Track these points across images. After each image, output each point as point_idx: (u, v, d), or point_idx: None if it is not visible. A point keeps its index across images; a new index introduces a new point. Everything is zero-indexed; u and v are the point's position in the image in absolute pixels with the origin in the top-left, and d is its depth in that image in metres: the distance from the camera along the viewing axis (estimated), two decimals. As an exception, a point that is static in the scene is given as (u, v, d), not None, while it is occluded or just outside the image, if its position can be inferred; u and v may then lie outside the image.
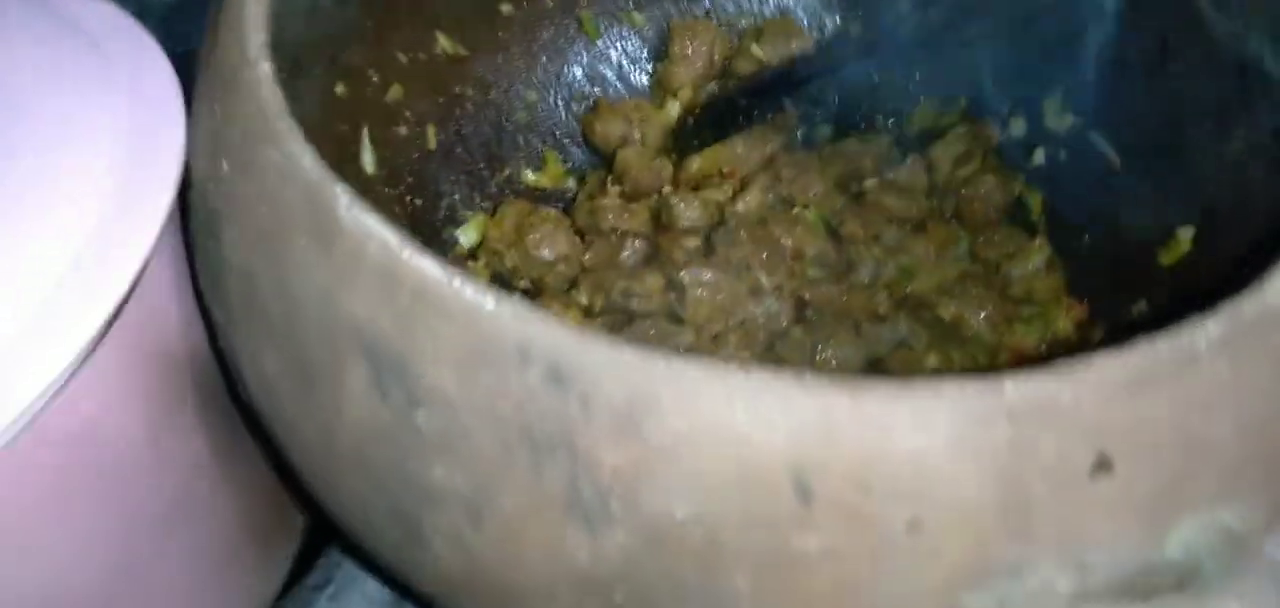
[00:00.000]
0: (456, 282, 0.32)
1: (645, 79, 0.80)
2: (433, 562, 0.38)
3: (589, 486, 0.32)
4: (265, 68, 0.38)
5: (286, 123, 0.36)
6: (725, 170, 0.74)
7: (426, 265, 0.33)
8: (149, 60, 0.46)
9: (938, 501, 0.32)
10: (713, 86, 0.79)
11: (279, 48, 0.52)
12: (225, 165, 0.38)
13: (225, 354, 0.43)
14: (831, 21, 0.79)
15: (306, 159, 0.35)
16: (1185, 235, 0.64)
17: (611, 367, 0.31)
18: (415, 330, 0.33)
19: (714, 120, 0.71)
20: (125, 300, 0.40)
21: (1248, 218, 0.61)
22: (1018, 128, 0.75)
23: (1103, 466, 0.33)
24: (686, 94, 0.78)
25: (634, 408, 0.31)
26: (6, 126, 0.43)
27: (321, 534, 0.63)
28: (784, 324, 0.67)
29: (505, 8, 0.73)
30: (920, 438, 0.31)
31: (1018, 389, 0.32)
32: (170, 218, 0.43)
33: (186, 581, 0.50)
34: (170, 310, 0.44)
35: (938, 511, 0.32)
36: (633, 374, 0.31)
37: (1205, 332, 0.33)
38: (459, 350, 0.32)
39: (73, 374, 0.39)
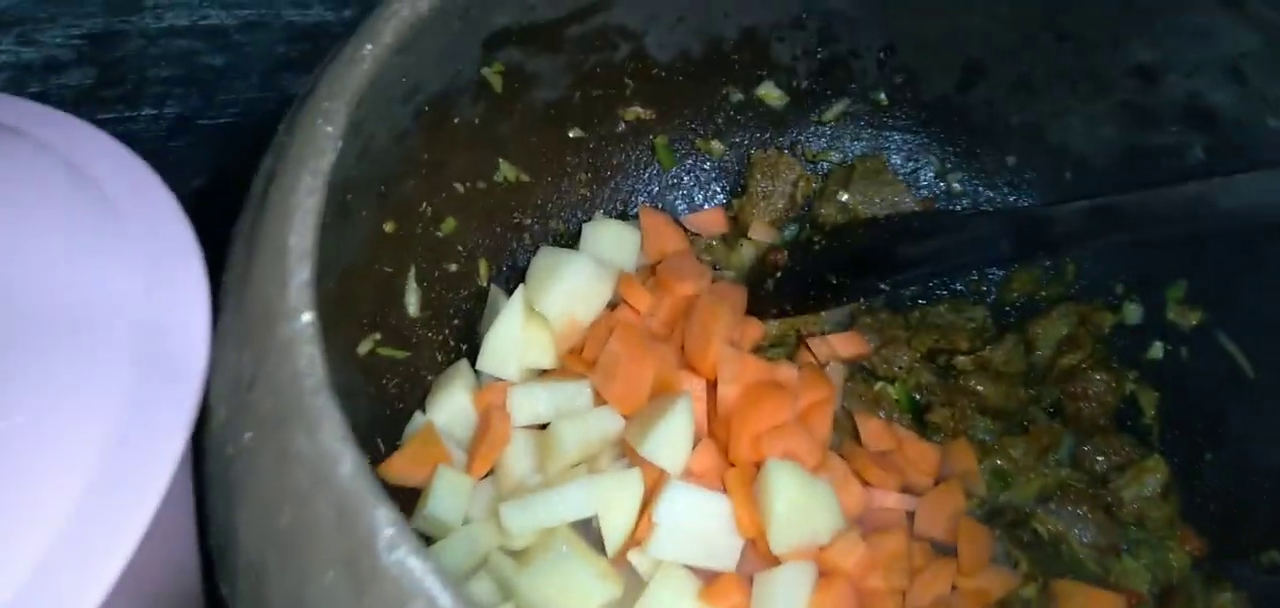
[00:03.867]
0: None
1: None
2: None
3: None
4: (307, 321, 0.31)
5: (326, 403, 0.30)
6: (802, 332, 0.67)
7: (485, 647, 0.26)
8: (172, 237, 0.40)
9: None
10: (792, 229, 0.72)
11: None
12: (248, 436, 0.31)
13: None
14: (930, 169, 0.72)
15: (346, 464, 0.29)
16: (1331, 481, 0.56)
17: None
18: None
19: (799, 290, 0.64)
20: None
21: None
22: (1133, 314, 0.67)
23: None
24: (764, 234, 0.70)
25: None
26: (13, 306, 0.36)
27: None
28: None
29: (574, 132, 0.67)
30: None
31: None
32: (186, 449, 0.36)
33: None
34: (181, 546, 0.38)
35: None
36: None
37: None
38: None
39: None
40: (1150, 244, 0.63)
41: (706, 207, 0.73)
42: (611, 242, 0.65)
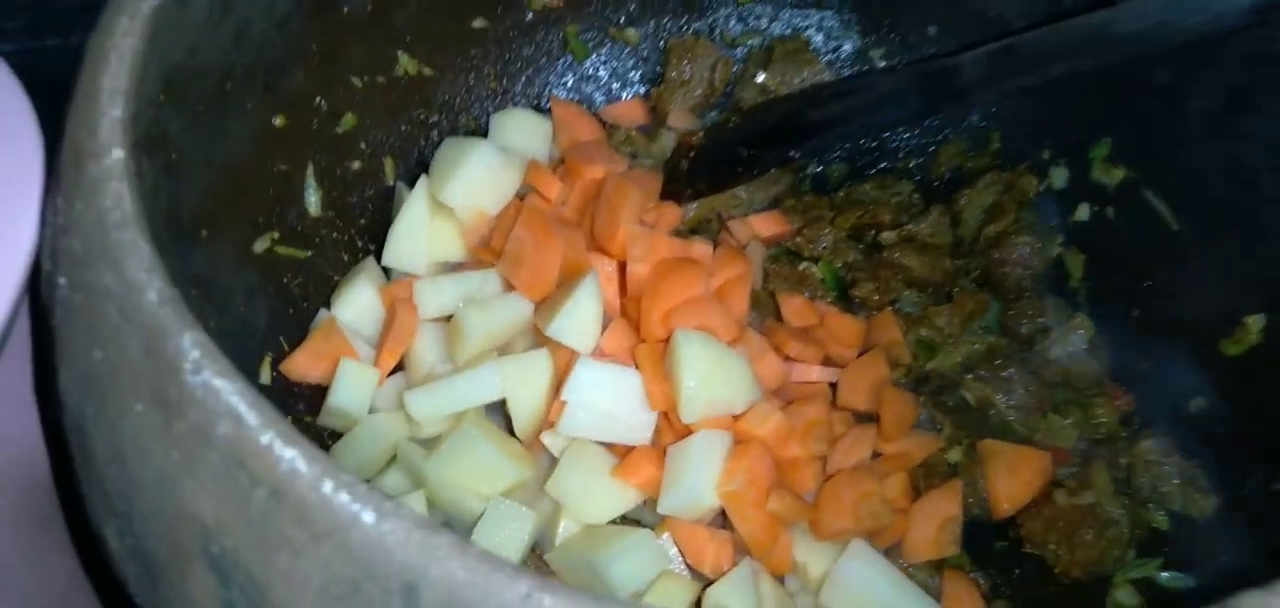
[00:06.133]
0: (328, 485, 0.24)
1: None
2: None
3: None
4: (117, 157, 0.30)
5: (132, 237, 0.28)
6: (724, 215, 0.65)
7: (291, 458, 0.25)
8: (7, 112, 0.38)
9: None
10: (713, 115, 0.70)
11: (177, 95, 0.44)
12: (62, 281, 0.30)
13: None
14: (850, 44, 0.70)
15: (152, 291, 0.27)
16: (1255, 325, 0.55)
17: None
18: (272, 544, 0.25)
19: (711, 167, 0.62)
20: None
21: (1332, 312, 0.52)
22: (1059, 178, 0.65)
23: None
24: (683, 122, 0.68)
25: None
26: None
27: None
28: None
29: (478, 22, 0.65)
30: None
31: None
32: (20, 315, 0.35)
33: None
34: (24, 426, 0.36)
35: None
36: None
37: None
38: (326, 577, 0.24)
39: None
40: (1062, 92, 0.61)
41: (625, 97, 0.71)
42: (520, 131, 0.63)
